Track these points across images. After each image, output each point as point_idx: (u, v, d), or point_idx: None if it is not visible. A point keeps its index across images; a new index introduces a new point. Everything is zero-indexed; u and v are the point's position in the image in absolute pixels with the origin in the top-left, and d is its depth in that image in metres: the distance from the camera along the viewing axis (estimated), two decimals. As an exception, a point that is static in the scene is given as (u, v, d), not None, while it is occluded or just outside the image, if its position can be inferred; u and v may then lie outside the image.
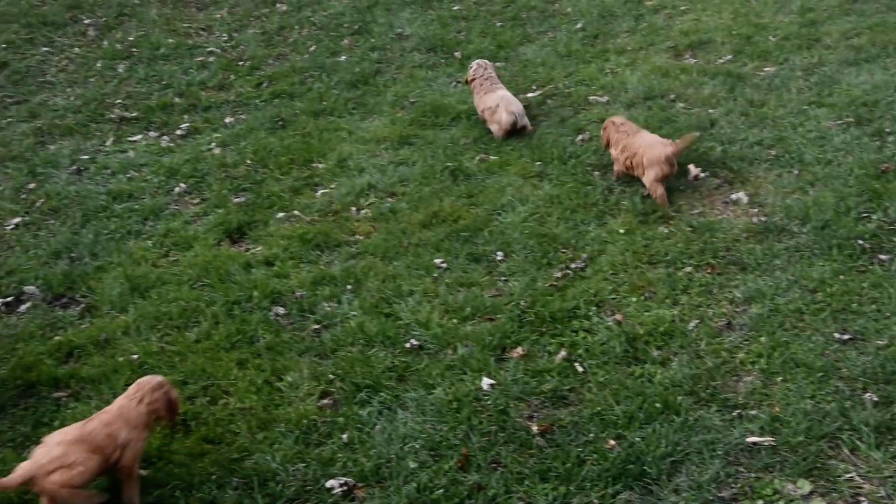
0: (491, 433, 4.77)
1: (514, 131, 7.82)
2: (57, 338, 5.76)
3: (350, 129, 8.23)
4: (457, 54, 9.53)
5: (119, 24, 10.85)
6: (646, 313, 5.57)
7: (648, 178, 6.62)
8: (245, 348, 5.57)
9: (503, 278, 6.07)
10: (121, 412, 4.43)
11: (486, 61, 8.38)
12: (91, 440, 4.27)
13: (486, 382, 5.11)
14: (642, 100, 8.15)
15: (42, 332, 5.80)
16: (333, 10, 10.98)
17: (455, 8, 10.79)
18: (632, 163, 6.74)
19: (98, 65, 9.80)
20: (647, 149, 6.65)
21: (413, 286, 6.02)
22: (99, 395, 5.22)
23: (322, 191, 7.30)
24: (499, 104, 7.83)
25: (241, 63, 9.77)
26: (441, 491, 4.43)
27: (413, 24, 10.28)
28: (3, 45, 10.16)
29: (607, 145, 7.07)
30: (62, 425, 4.95)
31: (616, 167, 6.97)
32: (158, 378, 4.63)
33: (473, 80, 8.13)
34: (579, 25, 10.05)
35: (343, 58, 9.72)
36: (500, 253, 6.30)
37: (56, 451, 4.20)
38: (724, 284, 5.77)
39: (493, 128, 7.84)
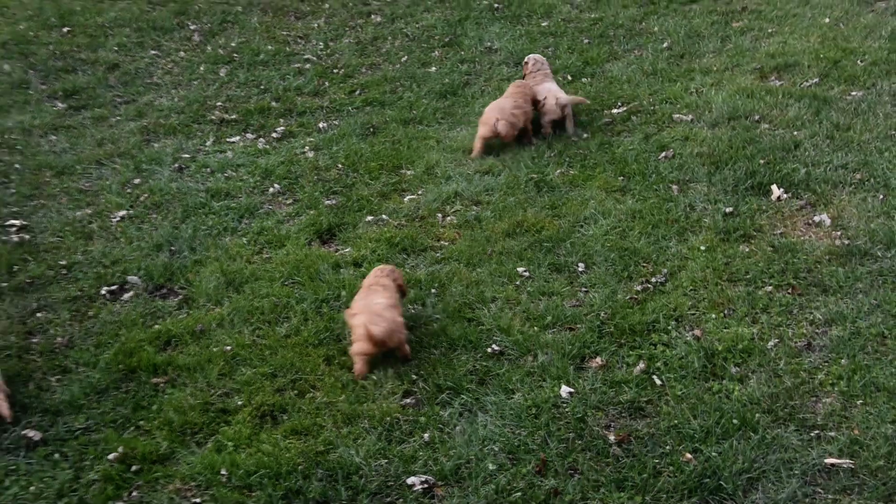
0: (568, 440, 4.74)
1: (559, 122, 8.18)
2: (156, 326, 5.86)
3: (438, 138, 8.25)
4: (544, 69, 9.49)
5: (222, 30, 11.03)
6: (725, 330, 5.47)
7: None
8: (332, 345, 5.61)
9: (584, 289, 6.02)
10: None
11: (542, 57, 8.62)
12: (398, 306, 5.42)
13: (564, 390, 5.07)
14: (726, 119, 8.02)
15: (143, 321, 5.91)
16: (425, 22, 11.02)
17: (544, 24, 10.75)
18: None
19: (201, 69, 9.98)
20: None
21: (496, 293, 6.00)
22: (194, 383, 5.30)
23: (409, 196, 7.33)
24: (546, 96, 8.13)
25: (335, 71, 9.86)
26: (519, 494, 4.41)
27: (502, 39, 10.26)
28: (115, 48, 10.41)
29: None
30: (160, 410, 5.07)
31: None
32: (390, 266, 5.77)
33: (528, 73, 8.49)
34: (665, 44, 9.94)
35: (433, 69, 9.74)
36: (581, 264, 6.25)
37: (388, 315, 5.27)
38: (805, 305, 5.64)
39: (542, 120, 8.19)
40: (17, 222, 7.08)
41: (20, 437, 4.91)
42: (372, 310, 5.32)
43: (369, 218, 7.05)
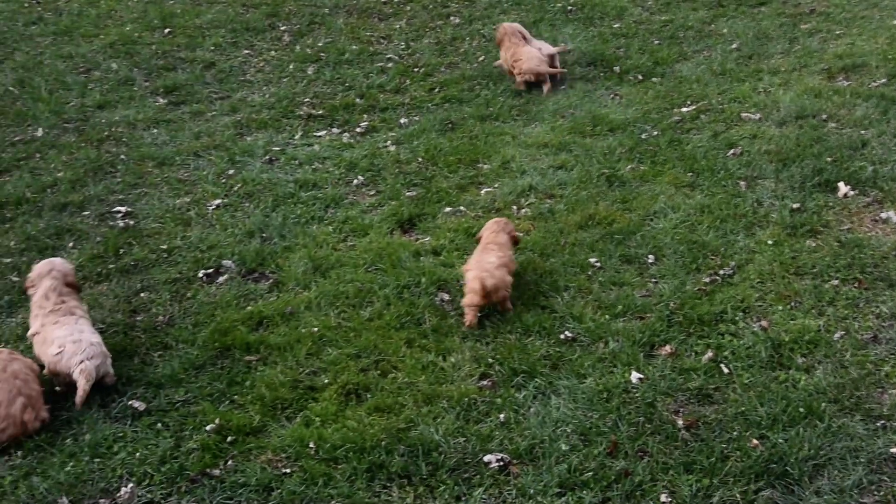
0: (638, 424, 4.70)
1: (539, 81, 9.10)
2: (249, 308, 5.96)
3: (513, 134, 8.22)
4: (616, 69, 9.39)
5: (310, 31, 11.12)
6: (791, 321, 5.37)
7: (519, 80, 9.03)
8: (413, 329, 5.65)
9: (654, 280, 5.96)
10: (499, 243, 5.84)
11: (515, 25, 9.45)
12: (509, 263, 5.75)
13: (634, 376, 5.04)
14: (794, 118, 7.84)
15: (236, 302, 6.02)
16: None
17: (615, 26, 10.63)
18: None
19: (290, 67, 10.09)
20: (526, 60, 8.95)
21: (568, 282, 5.97)
22: (284, 362, 5.38)
23: (486, 189, 7.32)
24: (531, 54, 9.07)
25: (416, 70, 9.89)
26: (590, 474, 4.40)
27: (575, 39, 10.17)
28: (212, 48, 10.57)
29: (499, 45, 9.32)
30: (253, 385, 5.17)
31: (505, 66, 9.25)
32: (503, 219, 6.10)
33: (501, 41, 9.34)
34: (734, 45, 9.75)
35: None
36: (651, 256, 6.19)
37: (498, 274, 5.58)
38: (871, 299, 5.51)
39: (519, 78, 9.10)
40: (122, 209, 7.25)
41: (126, 407, 5.05)
42: (484, 267, 5.58)
43: (448, 209, 7.07)
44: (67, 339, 5.08)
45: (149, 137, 8.55)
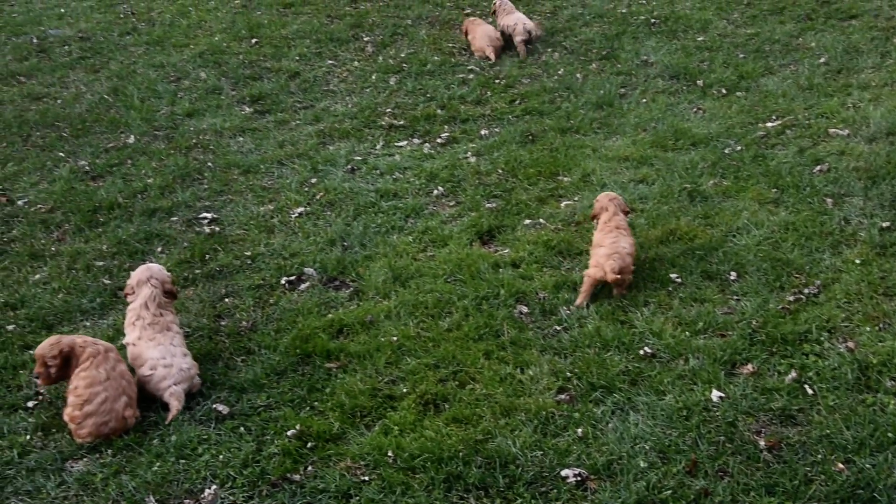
0: (719, 443, 4.64)
1: (529, 41, 10.58)
2: (329, 315, 6.04)
3: (594, 147, 8.19)
4: (699, 83, 9.29)
5: (393, 42, 11.25)
6: (880, 343, 5.24)
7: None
8: (491, 340, 5.66)
9: (735, 297, 5.87)
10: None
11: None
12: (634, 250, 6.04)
13: (715, 394, 4.97)
14: (885, 135, 7.65)
15: (318, 309, 6.10)
16: (584, 36, 10.95)
17: (699, 39, 10.51)
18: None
19: (373, 77, 10.21)
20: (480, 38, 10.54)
21: (648, 297, 5.92)
22: (363, 370, 5.44)
23: (566, 202, 7.30)
24: (517, 22, 10.57)
25: (496, 81, 9.92)
26: (669, 492, 4.35)
27: (658, 53, 10.09)
28: (297, 58, 10.76)
29: (465, 35, 10.84)
30: (333, 393, 5.23)
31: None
32: (618, 197, 6.30)
33: (495, 11, 11.02)
34: (822, 60, 9.56)
35: (590, 80, 9.67)
36: (733, 273, 6.10)
37: (628, 260, 5.90)
38: (964, 323, 5.35)
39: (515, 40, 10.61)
40: (209, 215, 7.42)
41: (210, 410, 5.16)
42: (618, 250, 5.88)
43: (527, 221, 7.07)
44: (160, 363, 5.22)
45: (235, 145, 8.73)
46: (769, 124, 8.24)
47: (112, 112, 9.52)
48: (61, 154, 8.63)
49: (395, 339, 5.71)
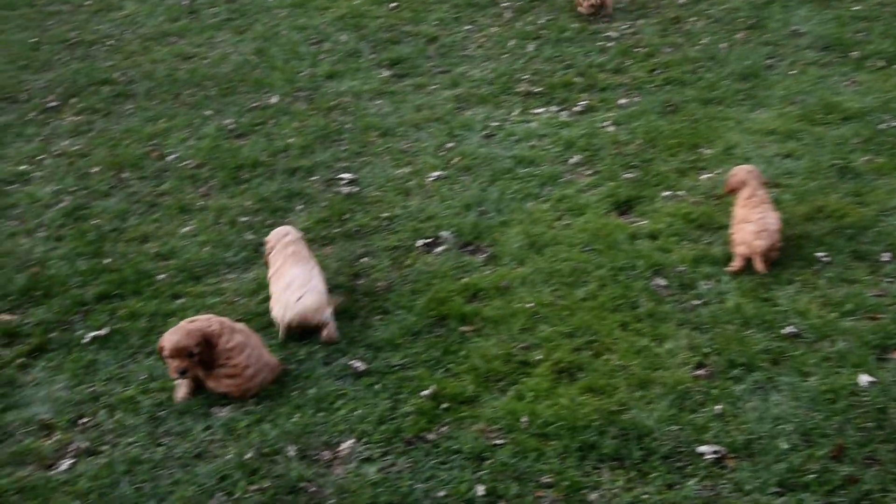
0: (867, 429, 4.45)
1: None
2: (464, 279, 6.06)
3: (738, 119, 7.92)
4: (853, 54, 8.85)
5: (531, 8, 11.11)
6: None
7: None
8: (627, 312, 5.57)
9: (888, 280, 5.60)
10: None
11: None
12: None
13: (864, 379, 4.76)
14: None
15: (453, 273, 6.13)
16: (730, 5, 10.55)
17: (855, 8, 9.98)
18: None
19: (511, 43, 10.13)
20: None
21: (793, 275, 5.72)
22: (498, 335, 5.45)
23: (707, 175, 7.10)
24: None
25: (637, 50, 9.69)
26: (813, 476, 4.21)
27: (809, 22, 9.65)
28: (435, 22, 10.77)
29: None
30: (467, 356, 5.26)
31: None
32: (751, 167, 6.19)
33: None
34: None
35: (735, 50, 9.35)
36: (886, 254, 5.82)
37: (776, 237, 5.77)
38: None
39: None
40: (347, 176, 7.54)
41: (347, 366, 5.27)
42: (766, 226, 5.73)
43: (666, 193, 6.91)
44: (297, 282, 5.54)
45: (373, 108, 8.82)
46: (930, 100, 7.80)
47: (256, 72, 9.76)
48: (208, 112, 8.91)
49: (529, 305, 5.69)
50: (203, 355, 4.94)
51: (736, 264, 5.79)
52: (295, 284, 5.54)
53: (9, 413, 5.09)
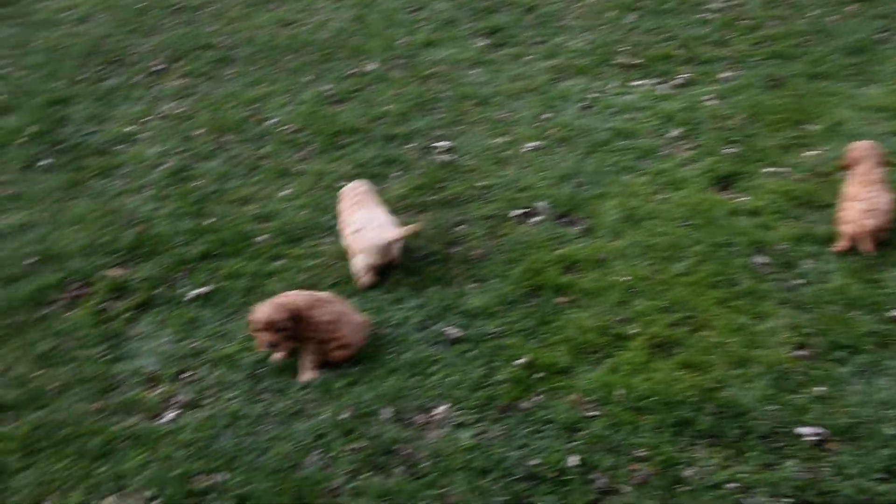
0: (977, 418, 4.30)
1: None
2: (559, 251, 6.03)
3: (846, 95, 7.66)
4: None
5: (631, -22, 10.94)
6: None
7: None
8: (725, 288, 5.47)
9: None
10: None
11: None
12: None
13: (975, 366, 4.60)
14: None
15: (548, 244, 6.10)
16: (839, -24, 10.21)
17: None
18: None
19: (609, 14, 9.98)
20: None
21: (902, 257, 5.54)
22: (593, 307, 5.41)
23: (812, 152, 6.89)
24: None
25: (740, 22, 9.44)
26: (919, 463, 4.10)
27: (924, -5, 9.27)
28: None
29: None
30: (562, 327, 5.24)
31: None
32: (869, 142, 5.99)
33: None
34: None
35: (845, 24, 9.03)
36: None
37: (884, 219, 5.56)
38: None
39: None
40: (443, 144, 7.55)
41: (442, 332, 5.30)
42: (878, 206, 5.55)
43: (768, 169, 6.73)
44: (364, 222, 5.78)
45: (470, 77, 8.80)
46: None
47: (354, 39, 9.83)
48: (307, 78, 9.02)
49: (625, 279, 5.64)
50: (293, 330, 4.98)
51: (842, 243, 5.63)
52: (365, 225, 5.77)
53: (117, 364, 5.28)
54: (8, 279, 6.10)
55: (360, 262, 5.73)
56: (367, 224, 5.77)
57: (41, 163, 7.77)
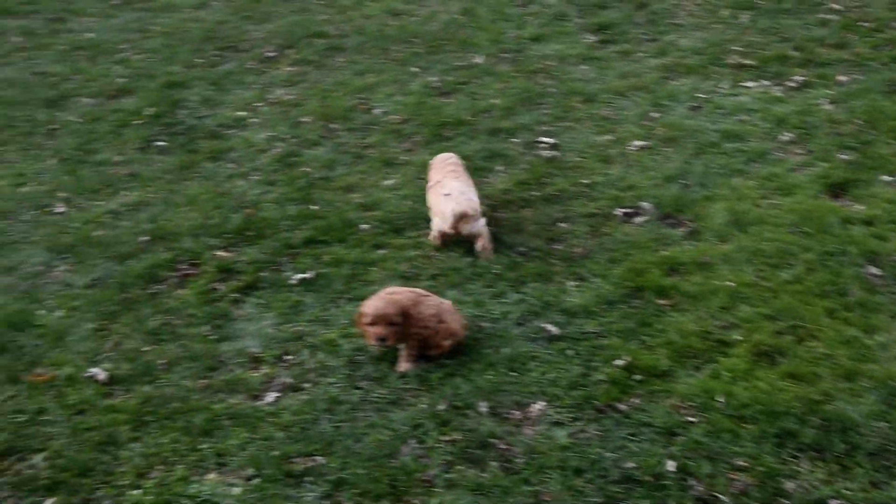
0: None
1: None
2: (663, 252, 5.93)
3: (973, 103, 7.34)
4: None
5: (747, -24, 10.68)
6: None
7: None
8: (835, 299, 5.31)
9: None
10: None
11: None
12: None
13: None
14: None
15: (652, 245, 6.02)
16: (970, -22, 9.78)
17: None
18: None
19: (723, 12, 9.77)
20: None
21: None
22: (696, 311, 5.31)
23: (933, 161, 6.64)
24: None
25: (862, 23, 9.13)
26: None
27: None
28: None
29: None
30: (663, 330, 5.16)
31: None
32: None
33: None
34: None
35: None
36: None
37: None
38: None
39: None
40: (548, 140, 7.51)
41: (541, 329, 5.28)
42: None
43: (886, 178, 6.50)
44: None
45: (577, 73, 8.73)
46: None
47: (463, 32, 9.85)
48: (415, 69, 9.08)
49: (730, 284, 5.52)
50: (402, 326, 4.98)
51: None
52: (455, 193, 5.98)
53: (223, 344, 5.41)
54: (122, 256, 6.31)
55: (437, 224, 6.03)
56: (457, 194, 5.97)
57: (156, 144, 8.02)
